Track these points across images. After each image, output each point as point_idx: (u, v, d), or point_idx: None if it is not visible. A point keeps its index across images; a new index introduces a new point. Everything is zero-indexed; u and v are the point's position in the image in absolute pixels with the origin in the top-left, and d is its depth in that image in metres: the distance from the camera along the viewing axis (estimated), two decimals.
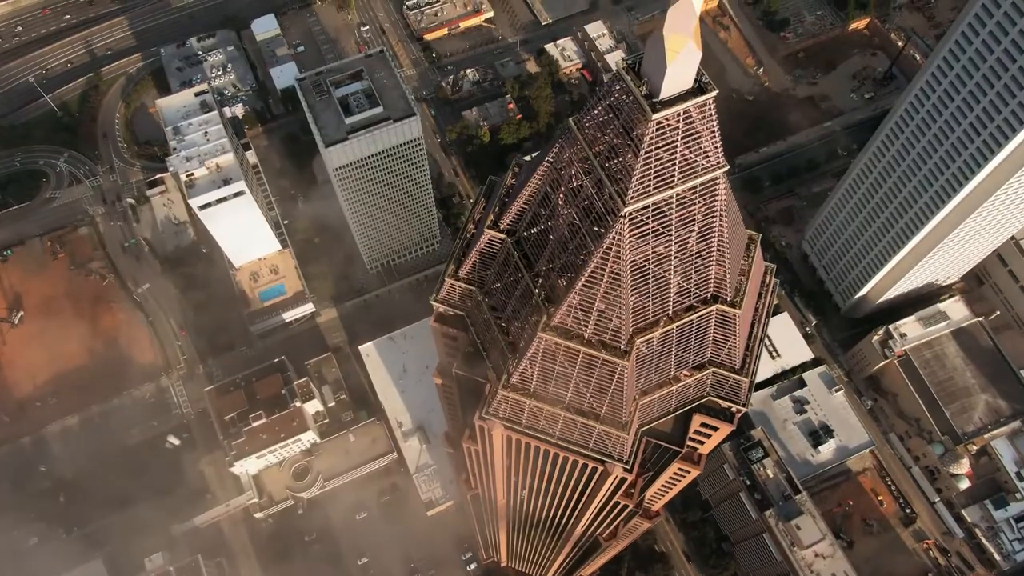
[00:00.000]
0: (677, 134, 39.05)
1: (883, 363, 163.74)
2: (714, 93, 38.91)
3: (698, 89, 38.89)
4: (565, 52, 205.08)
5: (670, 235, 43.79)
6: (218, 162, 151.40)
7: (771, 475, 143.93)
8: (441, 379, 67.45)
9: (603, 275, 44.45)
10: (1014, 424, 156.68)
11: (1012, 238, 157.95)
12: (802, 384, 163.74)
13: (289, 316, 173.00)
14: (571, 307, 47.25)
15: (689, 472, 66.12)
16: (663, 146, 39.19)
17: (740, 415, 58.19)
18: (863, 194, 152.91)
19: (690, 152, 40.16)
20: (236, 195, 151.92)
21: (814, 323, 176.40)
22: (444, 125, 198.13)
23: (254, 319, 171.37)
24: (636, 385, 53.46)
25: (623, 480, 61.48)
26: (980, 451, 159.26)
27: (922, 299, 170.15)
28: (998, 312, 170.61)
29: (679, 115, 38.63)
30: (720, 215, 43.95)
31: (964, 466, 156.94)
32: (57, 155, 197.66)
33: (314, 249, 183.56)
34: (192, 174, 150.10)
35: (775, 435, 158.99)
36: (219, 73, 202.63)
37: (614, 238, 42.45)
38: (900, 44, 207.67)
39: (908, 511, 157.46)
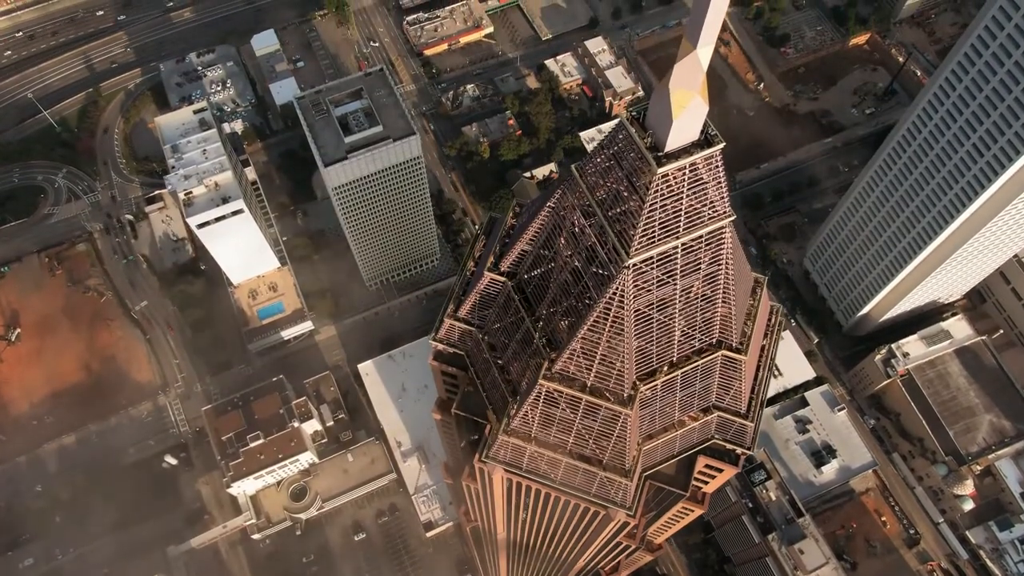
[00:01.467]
0: (683, 186, 38.08)
1: (886, 382, 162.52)
2: (721, 146, 37.94)
3: (705, 141, 37.89)
4: (565, 68, 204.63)
5: (675, 283, 42.78)
6: (217, 180, 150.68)
7: (774, 498, 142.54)
8: (440, 415, 66.30)
9: (606, 323, 43.42)
10: (1018, 444, 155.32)
11: (1015, 256, 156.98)
12: (804, 403, 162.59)
13: (288, 334, 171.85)
14: (573, 354, 46.19)
15: (693, 511, 64.88)
16: (668, 197, 38.23)
17: (745, 457, 57.04)
18: (865, 212, 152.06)
19: (696, 202, 39.21)
20: (235, 213, 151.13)
21: (816, 341, 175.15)
22: (444, 141, 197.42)
23: (252, 337, 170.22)
24: (640, 430, 52.37)
25: (626, 523, 60.37)
26: (984, 471, 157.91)
27: (925, 316, 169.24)
28: (1001, 331, 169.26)
29: (685, 168, 37.68)
30: (726, 263, 42.95)
31: (968, 487, 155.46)
32: (55, 171, 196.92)
33: (313, 266, 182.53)
34: (190, 192, 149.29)
35: (777, 455, 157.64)
36: (218, 88, 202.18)
37: (617, 287, 41.46)
38: (900, 59, 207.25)
39: (912, 532, 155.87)
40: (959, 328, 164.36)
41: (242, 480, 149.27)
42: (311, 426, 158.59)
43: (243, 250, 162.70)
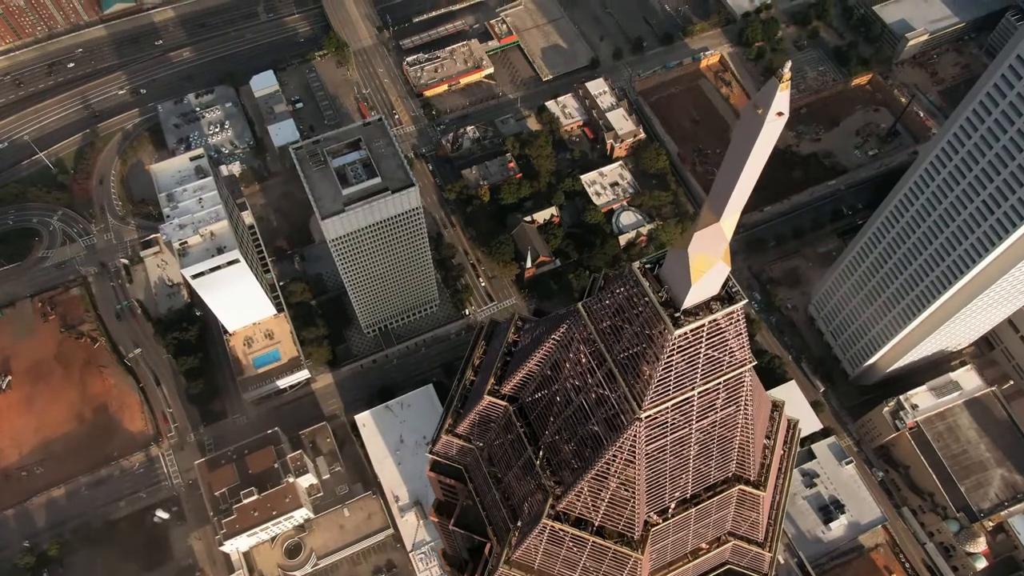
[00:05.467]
0: (701, 340, 35.30)
1: (894, 435, 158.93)
2: (743, 303, 35.13)
3: (727, 297, 35.10)
4: (566, 109, 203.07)
5: (690, 427, 39.84)
6: (212, 229, 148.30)
7: (782, 560, 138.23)
8: (438, 518, 62.99)
9: (615, 467, 40.42)
10: None
11: None
12: (811, 456, 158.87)
13: (284, 383, 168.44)
14: (580, 494, 43.11)
15: None
16: (685, 352, 35.42)
17: None
18: (872, 263, 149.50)
19: (715, 352, 36.40)
20: (230, 263, 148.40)
21: (822, 390, 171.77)
22: (444, 183, 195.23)
23: (248, 386, 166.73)
24: (650, 564, 49.13)
25: None
26: (997, 528, 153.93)
27: (932, 365, 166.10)
28: (1012, 381, 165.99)
29: (704, 326, 34.90)
30: (745, 404, 40.03)
31: (981, 544, 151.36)
32: (51, 213, 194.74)
33: (310, 311, 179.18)
34: (185, 242, 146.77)
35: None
36: (216, 130, 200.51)
37: (629, 435, 38.50)
38: (903, 100, 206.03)
39: None
40: (968, 379, 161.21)
41: (235, 538, 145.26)
42: (306, 480, 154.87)
43: (239, 299, 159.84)
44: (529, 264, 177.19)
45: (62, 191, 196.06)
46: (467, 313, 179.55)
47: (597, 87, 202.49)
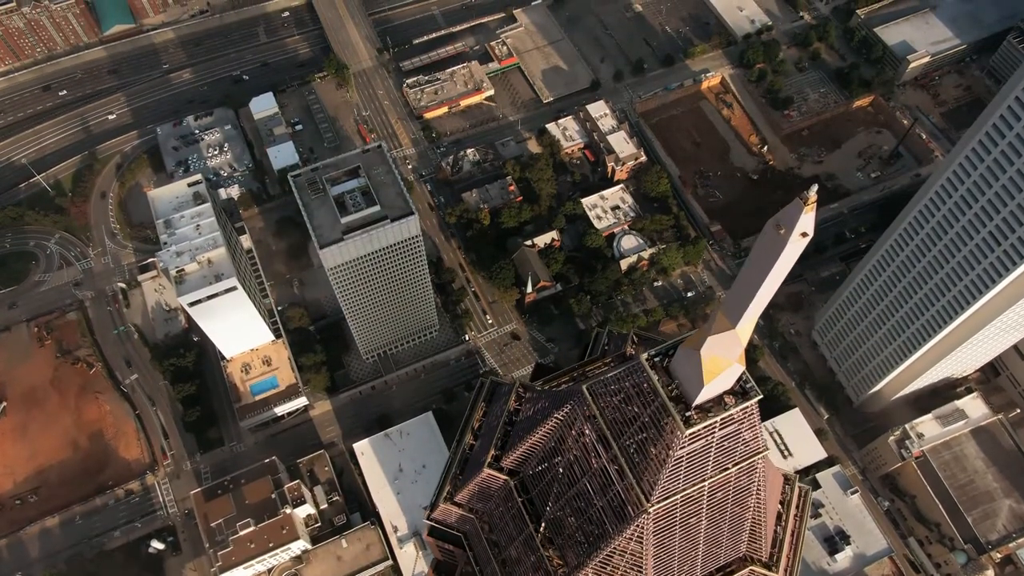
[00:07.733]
0: (713, 435, 33.65)
1: (900, 464, 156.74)
2: (758, 398, 33.48)
3: (741, 392, 33.47)
4: (567, 131, 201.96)
5: (700, 514, 38.12)
6: (210, 256, 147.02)
7: None
8: None
9: (622, 557, 38.63)
10: None
11: None
12: (816, 486, 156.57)
13: (281, 410, 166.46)
14: None
15: None
16: (696, 448, 33.74)
17: None
18: (877, 291, 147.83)
19: (728, 442, 34.71)
20: (227, 291, 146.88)
21: (826, 417, 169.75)
22: (444, 206, 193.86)
23: (245, 413, 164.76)
24: None
25: None
26: (1005, 559, 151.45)
27: (938, 391, 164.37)
28: (1019, 409, 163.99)
29: (716, 423, 33.27)
30: (757, 489, 38.34)
31: None
32: (48, 236, 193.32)
33: (308, 337, 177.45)
34: (183, 270, 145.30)
35: None
36: (215, 153, 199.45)
37: (637, 527, 36.77)
38: (905, 122, 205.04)
39: None
40: (974, 407, 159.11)
41: (231, 570, 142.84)
42: (304, 510, 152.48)
43: (236, 325, 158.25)
44: (529, 289, 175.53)
45: (60, 214, 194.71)
46: (467, 338, 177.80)
47: (598, 109, 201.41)
